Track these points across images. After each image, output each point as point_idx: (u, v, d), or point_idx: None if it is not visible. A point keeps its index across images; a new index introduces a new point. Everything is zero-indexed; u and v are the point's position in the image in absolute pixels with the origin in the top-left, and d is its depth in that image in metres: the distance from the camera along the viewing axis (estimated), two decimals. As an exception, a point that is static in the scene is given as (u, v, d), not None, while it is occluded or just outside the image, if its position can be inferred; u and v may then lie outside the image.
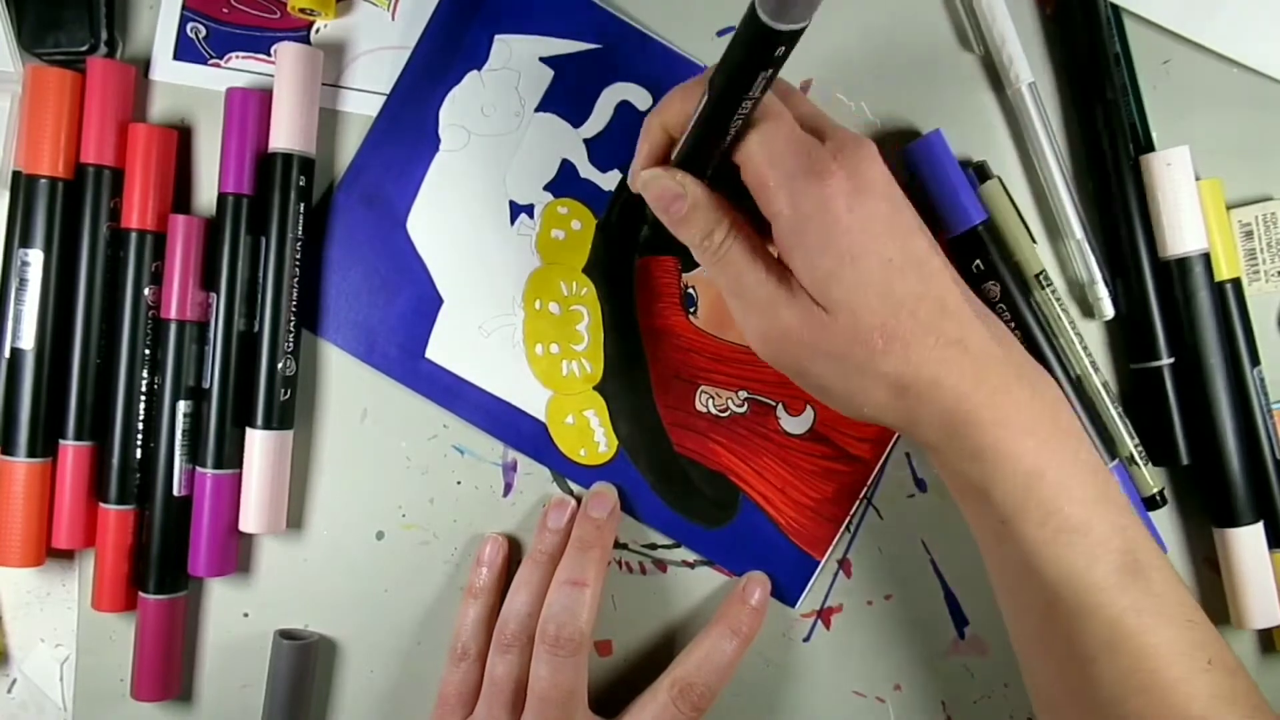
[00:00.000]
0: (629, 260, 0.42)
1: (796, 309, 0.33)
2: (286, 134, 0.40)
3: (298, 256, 0.41)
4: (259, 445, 0.40)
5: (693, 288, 0.42)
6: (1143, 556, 0.33)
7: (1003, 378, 0.33)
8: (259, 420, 0.40)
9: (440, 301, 0.42)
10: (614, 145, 0.42)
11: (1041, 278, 0.41)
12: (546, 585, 0.40)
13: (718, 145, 0.33)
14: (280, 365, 0.40)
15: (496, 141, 0.42)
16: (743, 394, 0.42)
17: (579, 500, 0.42)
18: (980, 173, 0.41)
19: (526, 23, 0.42)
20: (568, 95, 0.42)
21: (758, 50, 0.28)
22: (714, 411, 0.42)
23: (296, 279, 0.41)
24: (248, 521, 0.41)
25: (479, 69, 0.42)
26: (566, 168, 0.42)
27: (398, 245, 0.42)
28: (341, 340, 0.42)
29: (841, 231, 0.32)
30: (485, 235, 0.42)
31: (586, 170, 0.42)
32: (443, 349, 0.42)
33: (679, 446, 0.42)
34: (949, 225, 0.40)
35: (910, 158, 0.41)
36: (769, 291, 0.33)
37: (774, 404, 0.42)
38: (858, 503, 0.42)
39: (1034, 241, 0.41)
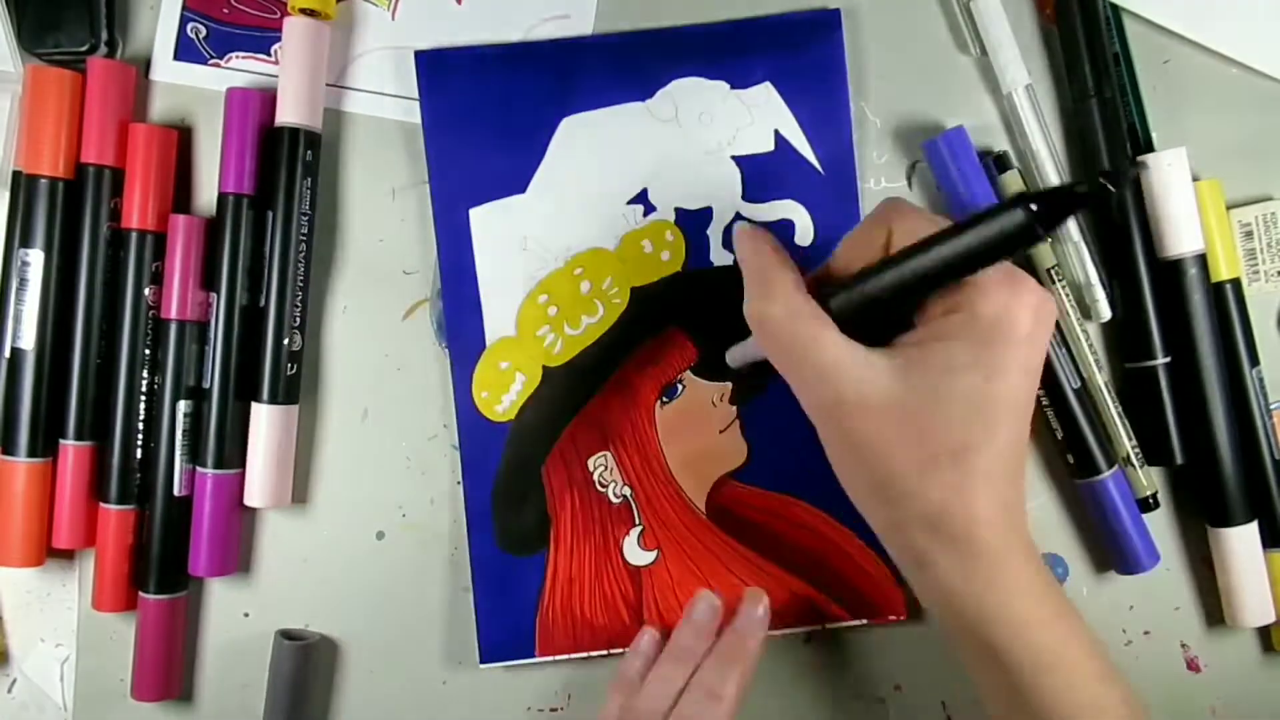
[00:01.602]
0: (670, 324, 0.42)
1: (871, 371, 0.31)
2: (293, 108, 0.40)
3: (304, 231, 0.41)
4: (265, 420, 0.40)
5: (683, 384, 0.42)
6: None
7: (1026, 555, 0.32)
8: (265, 395, 0.40)
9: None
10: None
11: (1053, 272, 0.41)
12: (684, 683, 0.39)
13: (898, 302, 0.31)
14: (286, 340, 0.40)
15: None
16: (628, 490, 0.42)
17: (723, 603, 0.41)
18: (1000, 163, 0.41)
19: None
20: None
21: (1010, 244, 0.28)
22: (596, 480, 0.42)
23: (303, 254, 0.41)
24: (253, 496, 0.41)
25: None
26: (706, 216, 0.42)
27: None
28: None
29: (1012, 352, 0.30)
30: (600, 201, 0.42)
31: (717, 247, 0.42)
32: (485, 230, 0.42)
33: (547, 469, 0.42)
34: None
35: (930, 152, 0.41)
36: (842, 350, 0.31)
37: (639, 526, 0.42)
38: None
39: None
